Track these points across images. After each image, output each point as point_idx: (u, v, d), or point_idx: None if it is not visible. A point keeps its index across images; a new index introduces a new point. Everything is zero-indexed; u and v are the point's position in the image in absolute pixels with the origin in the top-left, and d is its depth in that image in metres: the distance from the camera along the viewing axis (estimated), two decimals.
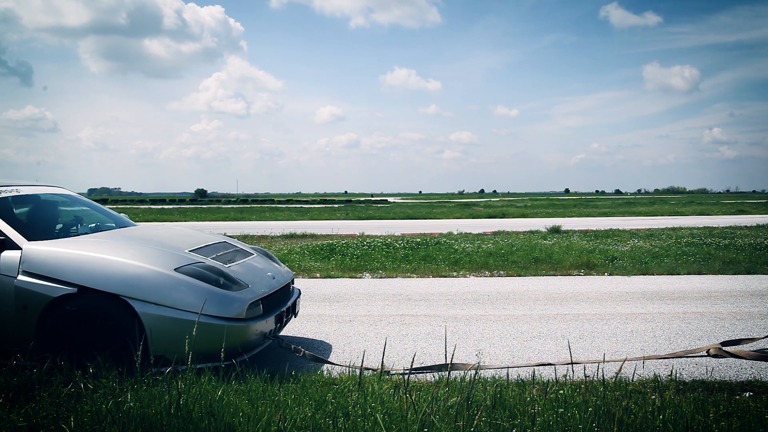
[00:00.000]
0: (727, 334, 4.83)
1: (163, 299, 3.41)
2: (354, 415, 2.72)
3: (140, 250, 3.78)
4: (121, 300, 3.39)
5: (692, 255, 9.29)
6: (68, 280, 3.42)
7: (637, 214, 27.07)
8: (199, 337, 3.39)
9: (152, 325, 3.37)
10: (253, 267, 4.23)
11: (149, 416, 2.59)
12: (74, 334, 3.39)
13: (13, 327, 3.45)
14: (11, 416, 2.71)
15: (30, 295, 3.42)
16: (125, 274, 3.46)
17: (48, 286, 3.42)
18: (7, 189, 4.15)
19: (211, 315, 3.45)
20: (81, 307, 3.42)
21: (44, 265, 3.47)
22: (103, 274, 3.44)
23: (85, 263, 3.49)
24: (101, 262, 3.50)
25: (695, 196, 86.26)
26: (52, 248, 3.59)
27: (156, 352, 3.36)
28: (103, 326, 3.40)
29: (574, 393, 3.07)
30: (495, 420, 2.63)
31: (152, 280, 3.46)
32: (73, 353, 3.34)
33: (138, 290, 3.41)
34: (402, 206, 41.83)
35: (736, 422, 2.69)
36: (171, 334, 3.38)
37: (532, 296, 6.60)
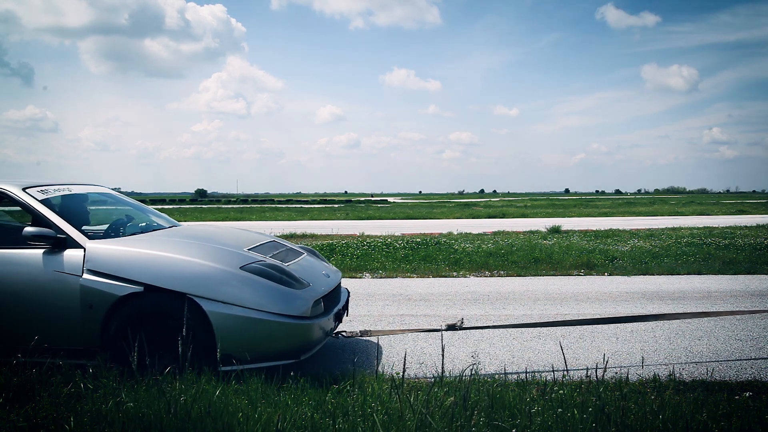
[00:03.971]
0: (726, 333, 4.83)
1: (230, 297, 3.40)
2: (353, 415, 2.72)
3: (203, 249, 3.79)
4: (189, 298, 3.38)
5: (692, 255, 9.29)
6: (134, 278, 3.41)
7: (637, 214, 27.07)
8: (267, 335, 3.42)
9: (220, 323, 3.36)
10: (308, 265, 4.24)
11: (148, 416, 2.60)
12: (142, 332, 3.38)
13: (78, 326, 3.44)
14: (11, 416, 2.71)
15: (96, 293, 3.41)
16: (192, 272, 3.45)
17: (114, 284, 3.41)
18: (61, 188, 4.16)
19: (278, 313, 3.44)
20: (147, 305, 3.41)
21: (109, 263, 3.46)
22: (169, 273, 3.43)
23: (150, 262, 3.49)
24: (167, 261, 3.50)
25: (695, 196, 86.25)
26: (116, 247, 3.59)
27: (223, 351, 3.34)
28: (170, 325, 3.39)
29: (574, 393, 3.07)
30: (494, 420, 2.63)
31: (219, 279, 3.45)
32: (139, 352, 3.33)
33: (205, 289, 3.40)
34: (402, 206, 41.83)
35: (736, 422, 2.69)
36: (239, 333, 3.39)
37: (532, 296, 6.60)
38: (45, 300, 3.46)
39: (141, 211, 4.88)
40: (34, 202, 3.77)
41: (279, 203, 52.67)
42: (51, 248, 3.56)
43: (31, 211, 3.73)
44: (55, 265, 3.49)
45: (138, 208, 4.95)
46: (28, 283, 3.49)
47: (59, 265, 3.49)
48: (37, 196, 3.83)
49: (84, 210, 4.29)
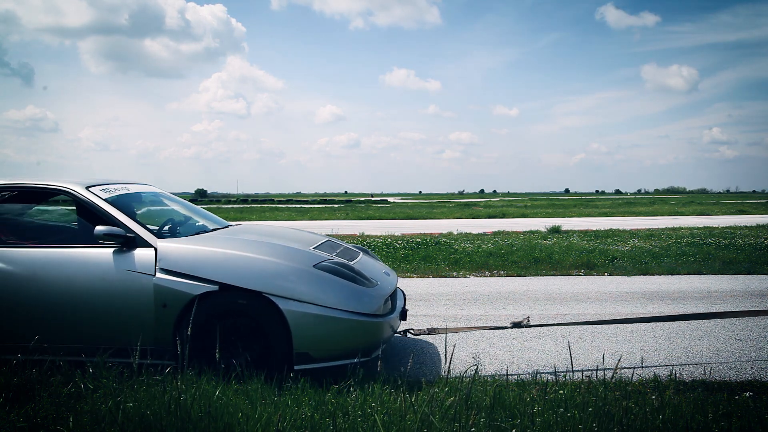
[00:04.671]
0: (726, 333, 4.83)
1: (306, 296, 3.40)
2: (353, 415, 2.72)
3: (274, 248, 3.80)
4: (264, 297, 3.37)
5: (692, 255, 9.29)
6: (209, 277, 3.40)
7: (637, 214, 27.07)
8: (341, 333, 3.43)
9: (296, 322, 3.35)
10: (369, 264, 4.26)
11: (148, 416, 2.60)
12: (216, 331, 3.38)
13: (150, 325, 3.43)
14: (11, 416, 2.71)
15: (170, 293, 3.41)
16: (267, 271, 3.45)
17: (188, 284, 3.41)
18: (119, 186, 4.15)
19: (352, 311, 3.45)
20: (222, 304, 3.41)
21: (183, 262, 3.46)
22: (245, 272, 3.43)
23: (225, 261, 3.48)
24: (242, 260, 3.50)
25: (695, 196, 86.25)
26: (188, 246, 3.59)
27: (298, 350, 3.35)
28: (245, 324, 3.40)
29: (574, 393, 3.07)
30: (494, 420, 2.63)
31: (294, 277, 3.46)
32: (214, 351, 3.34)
33: (281, 287, 3.39)
34: (402, 206, 41.84)
35: (736, 422, 2.69)
36: (314, 332, 3.38)
37: (532, 296, 6.59)
38: (117, 299, 3.45)
39: (191, 210, 4.84)
40: (99, 201, 3.77)
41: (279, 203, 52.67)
42: (120, 247, 3.55)
43: (96, 210, 3.73)
44: (127, 265, 3.49)
45: (187, 207, 4.91)
46: (99, 282, 3.48)
47: (130, 264, 3.49)
48: (101, 195, 3.83)
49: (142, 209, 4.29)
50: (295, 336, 3.34)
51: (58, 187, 3.86)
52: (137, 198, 4.26)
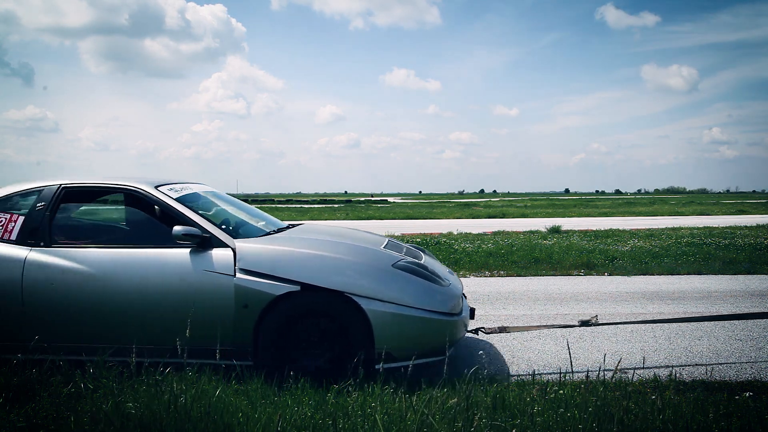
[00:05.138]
0: (726, 333, 4.83)
1: (387, 295, 3.41)
2: (353, 415, 2.72)
3: (351, 247, 3.83)
4: (346, 297, 3.38)
5: (692, 255, 9.29)
6: (291, 278, 3.39)
7: (637, 214, 27.08)
8: (421, 332, 3.45)
9: (378, 321, 3.36)
10: (434, 263, 4.27)
11: (148, 416, 2.60)
12: (296, 332, 3.40)
13: (230, 326, 3.43)
14: (11, 416, 2.71)
15: (251, 293, 3.39)
16: (348, 270, 3.47)
17: (270, 284, 3.40)
18: (183, 186, 4.14)
19: (431, 310, 3.47)
20: (303, 304, 3.42)
21: (263, 263, 3.45)
22: (326, 272, 3.43)
23: (306, 261, 3.48)
24: (322, 260, 3.51)
25: (695, 196, 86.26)
26: (267, 246, 3.59)
27: (380, 349, 3.36)
28: (326, 323, 3.41)
29: (574, 393, 3.07)
30: (495, 420, 2.63)
31: (375, 276, 3.48)
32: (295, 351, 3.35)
33: (362, 287, 3.40)
34: (402, 206, 41.85)
35: (736, 422, 2.69)
36: (395, 331, 3.40)
37: (532, 296, 6.60)
38: (196, 300, 3.44)
39: (245, 209, 4.80)
40: (170, 200, 3.77)
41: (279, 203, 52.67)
42: (196, 247, 3.55)
43: (168, 209, 3.73)
44: (205, 265, 3.48)
45: (242, 206, 4.88)
46: (177, 282, 3.47)
47: (209, 264, 3.48)
48: (171, 195, 3.84)
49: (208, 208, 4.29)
50: (377, 335, 3.36)
51: (129, 186, 3.87)
52: (200, 197, 4.25)
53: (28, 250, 3.64)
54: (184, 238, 3.48)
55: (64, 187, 3.86)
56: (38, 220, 3.73)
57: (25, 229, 3.71)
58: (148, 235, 4.01)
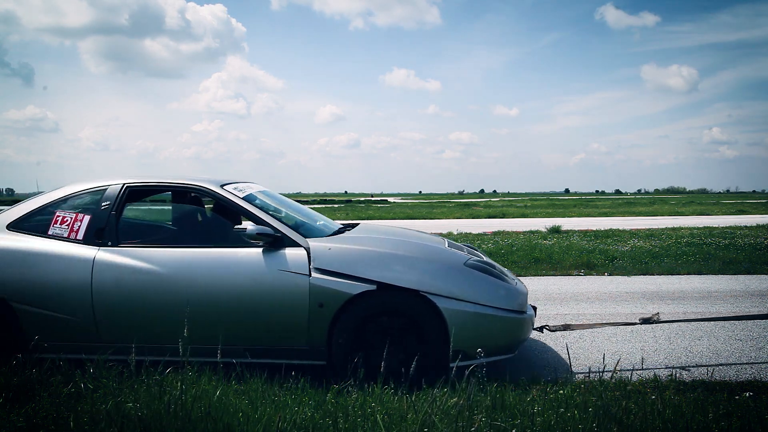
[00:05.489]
0: (726, 333, 4.83)
1: (460, 294, 3.44)
2: (354, 415, 2.72)
3: (423, 247, 3.86)
4: (422, 296, 3.39)
5: (692, 255, 9.29)
6: (367, 277, 3.41)
7: (637, 214, 27.07)
8: (494, 330, 3.49)
9: (453, 320, 3.38)
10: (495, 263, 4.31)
11: (148, 416, 2.59)
12: (371, 331, 3.42)
13: (304, 325, 3.44)
14: (11, 416, 2.71)
15: (327, 292, 3.40)
16: (424, 269, 3.49)
17: (347, 283, 3.41)
18: (245, 185, 4.13)
19: (502, 308, 3.51)
20: (379, 304, 3.43)
21: (339, 262, 3.46)
22: (402, 271, 3.45)
23: (381, 260, 3.50)
24: (398, 259, 3.53)
25: (695, 196, 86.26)
26: (342, 245, 3.61)
27: (455, 347, 3.37)
28: (402, 323, 3.42)
29: (574, 393, 3.08)
30: (495, 420, 2.63)
31: (449, 275, 3.51)
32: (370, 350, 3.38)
33: (437, 286, 3.42)
34: (402, 206, 41.84)
35: (736, 422, 2.69)
36: (470, 329, 3.42)
37: (531, 296, 6.55)
38: (271, 299, 3.45)
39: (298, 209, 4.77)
40: (238, 200, 3.78)
41: None
42: (268, 247, 3.54)
43: (237, 209, 3.75)
44: (279, 265, 3.48)
45: (294, 206, 4.86)
46: (251, 282, 3.47)
47: (283, 264, 3.48)
48: (238, 194, 3.84)
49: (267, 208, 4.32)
50: (453, 334, 3.37)
51: (196, 185, 3.88)
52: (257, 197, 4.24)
53: (96, 250, 3.62)
54: (257, 238, 3.49)
55: (127, 186, 3.86)
56: (104, 220, 3.71)
57: (91, 229, 3.70)
58: (215, 234, 4.06)
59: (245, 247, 3.57)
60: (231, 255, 3.56)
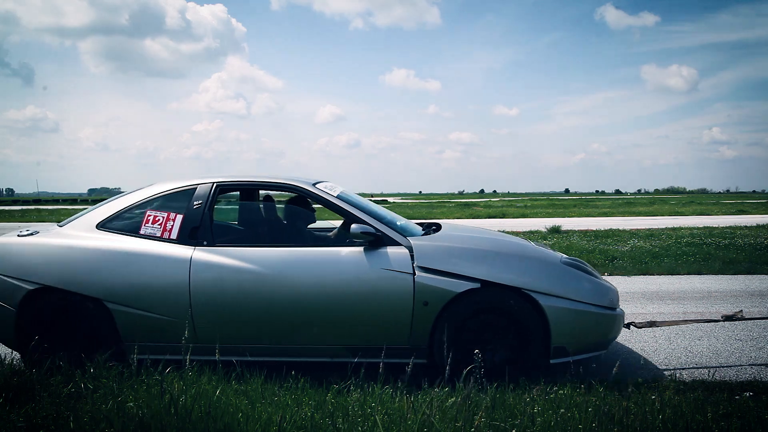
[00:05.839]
0: (726, 334, 4.83)
1: (560, 291, 3.47)
2: (353, 415, 2.72)
3: (520, 246, 3.89)
4: (524, 293, 3.42)
5: (692, 255, 9.29)
6: (471, 275, 3.43)
7: (637, 214, 27.07)
8: (592, 326, 3.53)
9: (554, 317, 3.42)
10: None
11: (148, 416, 2.60)
12: (474, 329, 3.44)
13: (407, 324, 3.45)
14: (11, 416, 2.71)
15: (432, 291, 3.41)
16: (525, 267, 3.53)
17: (451, 281, 3.42)
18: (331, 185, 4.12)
19: (598, 305, 3.54)
20: (482, 301, 3.45)
21: (443, 260, 3.47)
22: (504, 269, 3.48)
23: (484, 258, 3.53)
24: (501, 257, 3.57)
25: (695, 196, 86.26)
26: (445, 244, 3.62)
27: (556, 344, 3.42)
28: (504, 320, 3.45)
29: (574, 393, 3.07)
30: (495, 420, 2.63)
31: (549, 273, 3.55)
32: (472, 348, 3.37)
33: (539, 283, 3.46)
34: (402, 206, 41.84)
35: (736, 422, 2.69)
36: (570, 326, 3.46)
37: None
38: (375, 298, 3.45)
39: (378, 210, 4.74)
40: (334, 198, 3.79)
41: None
42: (368, 246, 3.55)
43: (334, 207, 3.76)
44: (382, 263, 3.48)
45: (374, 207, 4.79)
46: (355, 281, 3.47)
47: (386, 262, 3.48)
48: (332, 193, 3.86)
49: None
50: (554, 331, 3.41)
51: (291, 184, 3.89)
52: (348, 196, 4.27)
53: (192, 250, 3.60)
54: (361, 237, 3.50)
55: (218, 185, 3.84)
56: (198, 219, 3.69)
57: (185, 228, 3.67)
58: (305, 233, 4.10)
59: (346, 246, 3.59)
60: (334, 254, 3.56)
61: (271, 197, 4.44)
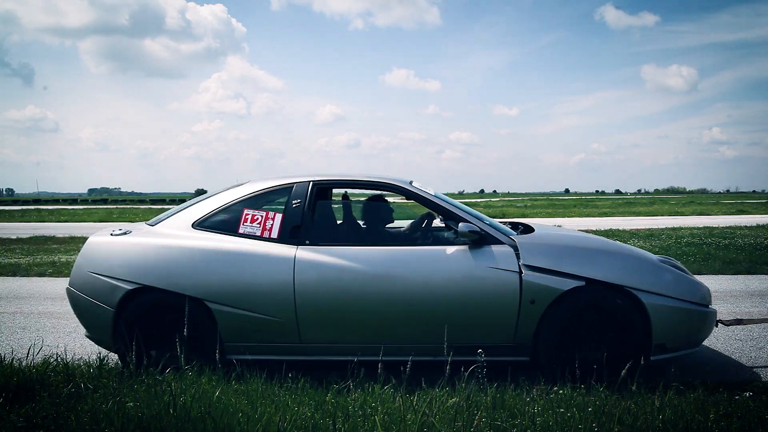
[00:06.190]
0: (726, 333, 4.82)
1: (659, 288, 3.50)
2: (354, 415, 2.72)
3: (616, 244, 3.92)
4: (626, 291, 3.45)
5: (692, 255, 9.29)
6: (576, 273, 3.45)
7: (637, 214, 27.07)
8: (689, 323, 3.56)
9: (655, 314, 3.44)
10: None
11: (148, 416, 2.60)
12: (576, 327, 3.46)
13: (512, 322, 3.47)
14: (11, 416, 2.71)
15: (539, 289, 3.43)
16: (627, 265, 3.56)
17: (557, 279, 3.44)
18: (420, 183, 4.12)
19: (695, 302, 3.59)
20: (587, 300, 3.48)
21: (548, 259, 3.49)
22: (609, 267, 3.50)
23: (590, 257, 3.56)
24: (604, 255, 3.60)
25: (695, 196, 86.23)
26: (549, 242, 3.66)
27: (657, 341, 3.45)
28: (607, 318, 3.47)
29: (574, 393, 3.07)
30: (495, 420, 2.63)
31: (650, 271, 3.57)
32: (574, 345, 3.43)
33: (640, 281, 3.48)
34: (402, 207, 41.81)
35: (736, 422, 2.69)
36: (669, 323, 3.49)
37: None
38: (481, 296, 3.46)
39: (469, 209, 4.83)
40: (431, 196, 3.81)
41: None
42: (472, 244, 3.55)
43: (434, 206, 3.79)
44: (489, 262, 3.49)
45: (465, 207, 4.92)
46: (462, 280, 3.47)
47: (492, 261, 3.49)
48: (429, 191, 3.88)
49: None
50: (655, 328, 3.43)
51: (389, 183, 3.89)
52: None
53: (294, 249, 3.59)
54: (468, 235, 3.50)
55: (315, 183, 3.83)
56: (298, 218, 3.67)
57: (286, 227, 3.65)
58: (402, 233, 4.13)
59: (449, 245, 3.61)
60: (440, 253, 3.56)
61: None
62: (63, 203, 55.25)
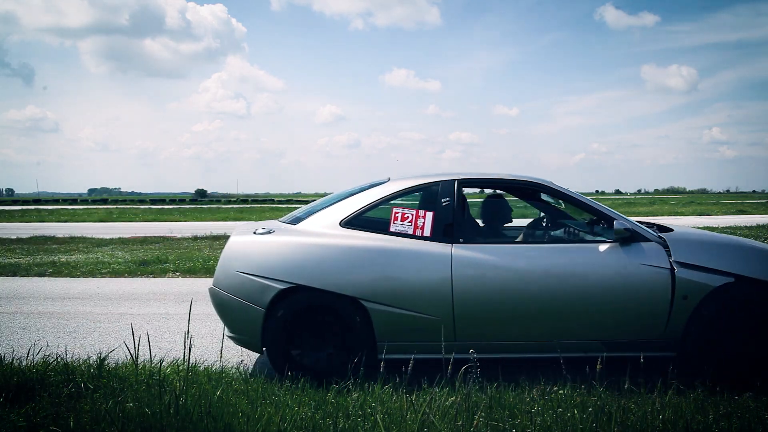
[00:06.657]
0: None
1: None
2: (354, 415, 2.72)
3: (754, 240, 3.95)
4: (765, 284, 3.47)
5: None
6: (726, 269, 3.48)
7: (637, 214, 27.06)
8: None
9: None
10: None
11: (148, 416, 2.60)
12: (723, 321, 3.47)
13: (662, 318, 3.49)
14: (11, 416, 2.71)
15: (692, 285, 3.46)
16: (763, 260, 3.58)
17: (709, 276, 3.47)
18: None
19: None
20: (737, 295, 3.49)
21: (699, 256, 3.52)
22: (755, 263, 3.54)
23: (734, 253, 3.59)
24: (749, 252, 3.63)
25: (695, 196, 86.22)
26: (694, 239, 3.71)
27: None
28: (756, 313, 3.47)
29: (574, 393, 3.07)
30: (494, 420, 2.63)
31: None
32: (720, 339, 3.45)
33: None
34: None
35: (736, 422, 2.69)
36: None
37: None
38: (634, 293, 3.48)
39: None
40: (577, 195, 3.85)
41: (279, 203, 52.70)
42: (622, 241, 3.57)
43: (580, 204, 3.82)
44: (640, 258, 3.52)
45: None
46: (617, 276, 3.50)
47: (643, 257, 3.52)
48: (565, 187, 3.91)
49: None
50: None
51: (534, 182, 3.93)
52: None
53: (450, 247, 3.58)
54: (622, 233, 3.54)
55: (460, 182, 3.83)
56: (450, 216, 3.67)
57: (438, 226, 3.65)
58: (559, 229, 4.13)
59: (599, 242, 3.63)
60: (594, 250, 3.59)
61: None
62: (63, 203, 55.28)
